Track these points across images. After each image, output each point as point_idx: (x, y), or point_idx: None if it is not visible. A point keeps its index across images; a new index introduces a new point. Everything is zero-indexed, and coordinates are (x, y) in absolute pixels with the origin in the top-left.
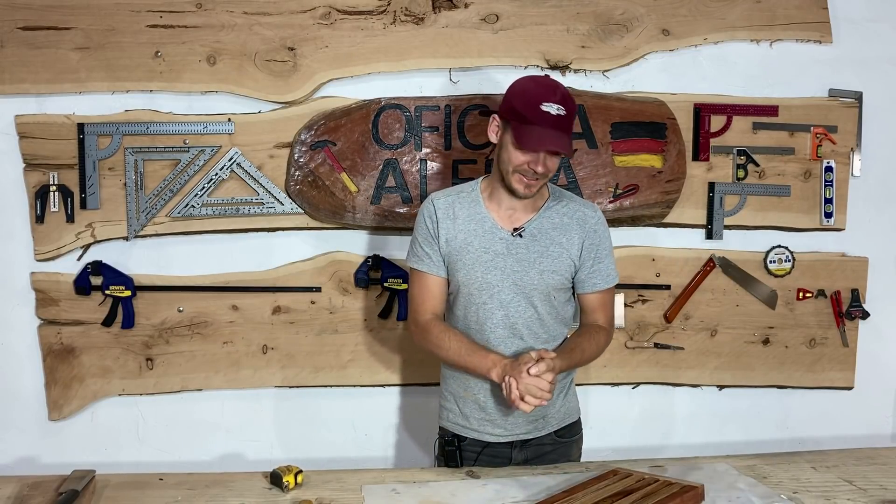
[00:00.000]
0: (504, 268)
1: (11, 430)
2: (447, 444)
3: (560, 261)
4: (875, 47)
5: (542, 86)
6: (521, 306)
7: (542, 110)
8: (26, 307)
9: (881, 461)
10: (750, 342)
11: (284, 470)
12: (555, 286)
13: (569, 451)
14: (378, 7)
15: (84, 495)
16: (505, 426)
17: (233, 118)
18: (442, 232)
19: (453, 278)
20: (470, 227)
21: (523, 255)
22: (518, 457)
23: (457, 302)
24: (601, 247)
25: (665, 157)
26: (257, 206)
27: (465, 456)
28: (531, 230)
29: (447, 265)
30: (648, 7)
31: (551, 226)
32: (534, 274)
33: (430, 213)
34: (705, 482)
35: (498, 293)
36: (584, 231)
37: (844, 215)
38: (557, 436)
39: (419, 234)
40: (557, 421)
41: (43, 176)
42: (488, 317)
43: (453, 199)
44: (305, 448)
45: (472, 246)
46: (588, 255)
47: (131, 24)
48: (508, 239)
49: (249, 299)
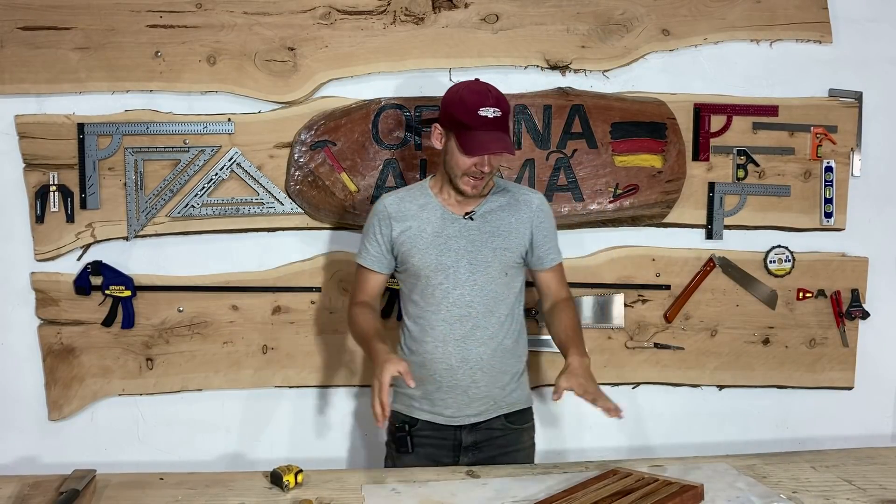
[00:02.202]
0: (458, 249)
1: (11, 430)
2: (398, 430)
3: (510, 239)
4: (875, 47)
5: (475, 92)
6: (477, 285)
7: (481, 115)
8: (26, 307)
9: (881, 461)
10: (750, 342)
11: (284, 470)
12: (507, 263)
13: (519, 437)
14: (378, 7)
15: (84, 495)
16: (457, 406)
17: (233, 118)
18: (395, 225)
19: (409, 265)
20: (423, 216)
21: (476, 236)
22: (468, 439)
23: (415, 288)
24: (549, 226)
25: (665, 157)
26: (257, 206)
27: (417, 442)
28: (481, 212)
29: (399, 256)
30: (648, 7)
31: (499, 207)
32: (487, 252)
33: (379, 212)
34: (705, 482)
35: (454, 273)
36: (531, 211)
37: (844, 215)
38: (508, 421)
39: (366, 232)
40: (507, 405)
41: (43, 176)
42: (444, 296)
43: (403, 196)
44: (305, 448)
45: (425, 232)
46: (539, 234)
47: (131, 24)
48: (461, 222)
49: (249, 299)
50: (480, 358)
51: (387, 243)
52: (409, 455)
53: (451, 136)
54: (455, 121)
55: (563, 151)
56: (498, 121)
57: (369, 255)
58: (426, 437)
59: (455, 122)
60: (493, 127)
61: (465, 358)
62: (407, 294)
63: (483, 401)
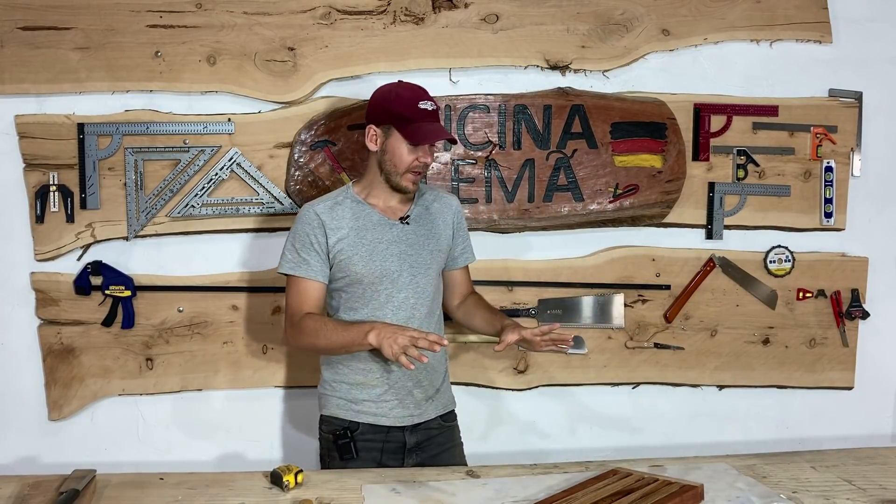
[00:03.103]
0: (399, 253)
1: (11, 430)
2: (339, 437)
3: (441, 240)
4: (875, 47)
5: (408, 89)
6: (419, 287)
7: (421, 108)
8: (26, 307)
9: (881, 461)
10: (750, 342)
11: (284, 470)
12: (440, 264)
13: (452, 434)
14: (378, 7)
15: (85, 495)
16: (403, 408)
17: (233, 118)
18: (330, 233)
19: (350, 273)
20: (359, 224)
21: (414, 240)
22: (411, 440)
23: (356, 295)
24: (465, 227)
25: (665, 157)
26: (257, 206)
27: (361, 447)
28: (415, 216)
29: (336, 265)
30: (648, 7)
31: (427, 212)
32: (425, 255)
33: (311, 220)
34: (705, 482)
35: (397, 277)
36: (452, 213)
37: (844, 215)
38: (442, 420)
39: (296, 242)
40: (442, 405)
41: (43, 176)
42: (388, 301)
43: (332, 204)
44: (305, 448)
45: (365, 239)
46: (458, 234)
47: (131, 24)
48: (398, 226)
49: (249, 299)
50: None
51: (323, 252)
52: (354, 461)
53: (391, 132)
54: (394, 115)
55: (563, 151)
56: (435, 113)
57: (308, 265)
58: (369, 441)
59: (395, 117)
60: (433, 119)
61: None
62: (342, 303)
63: (425, 402)
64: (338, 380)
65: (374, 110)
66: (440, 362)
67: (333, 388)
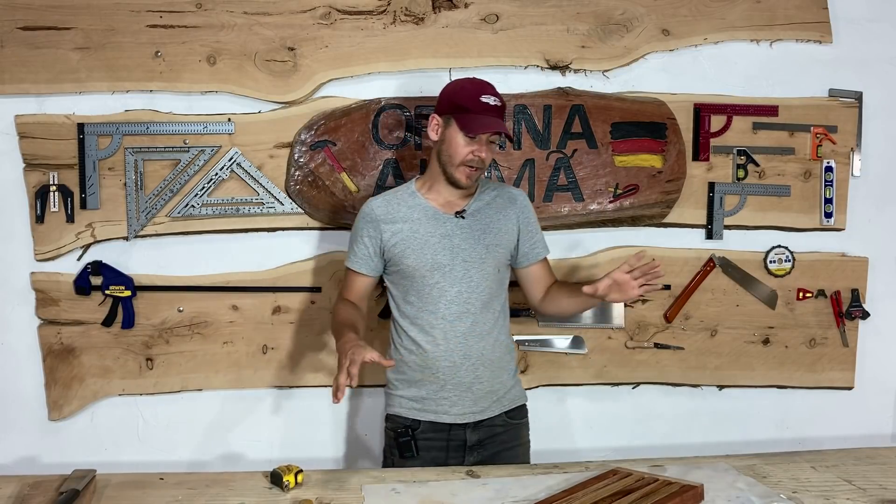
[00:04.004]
0: (452, 247)
1: (11, 430)
2: (401, 436)
3: (501, 235)
4: (875, 47)
5: (476, 83)
6: (472, 281)
7: (482, 101)
8: (26, 307)
9: (881, 461)
10: (750, 342)
11: (284, 470)
12: (500, 260)
13: (519, 432)
14: (378, 7)
15: (85, 495)
16: (463, 404)
17: (233, 118)
18: (384, 228)
19: (403, 266)
20: (413, 217)
21: (468, 234)
22: (472, 437)
23: (410, 289)
24: (533, 221)
25: (665, 157)
26: (257, 206)
27: (421, 446)
28: (472, 211)
29: (390, 258)
30: (648, 7)
31: (487, 206)
32: (480, 249)
33: (367, 215)
34: (705, 482)
35: (449, 271)
36: (516, 208)
37: (844, 215)
38: (508, 417)
39: (353, 236)
40: (509, 401)
41: (43, 176)
42: (441, 295)
43: (390, 198)
44: (305, 448)
45: (418, 233)
46: (525, 229)
47: (131, 24)
48: (453, 220)
49: (249, 299)
50: (482, 354)
51: (375, 246)
52: (415, 459)
53: (451, 122)
54: (455, 105)
55: (563, 151)
56: (498, 109)
57: (357, 257)
58: (430, 440)
59: (455, 107)
60: (494, 114)
61: (467, 354)
62: (400, 296)
63: (487, 397)
64: (400, 378)
65: (440, 100)
66: (504, 356)
67: (395, 387)
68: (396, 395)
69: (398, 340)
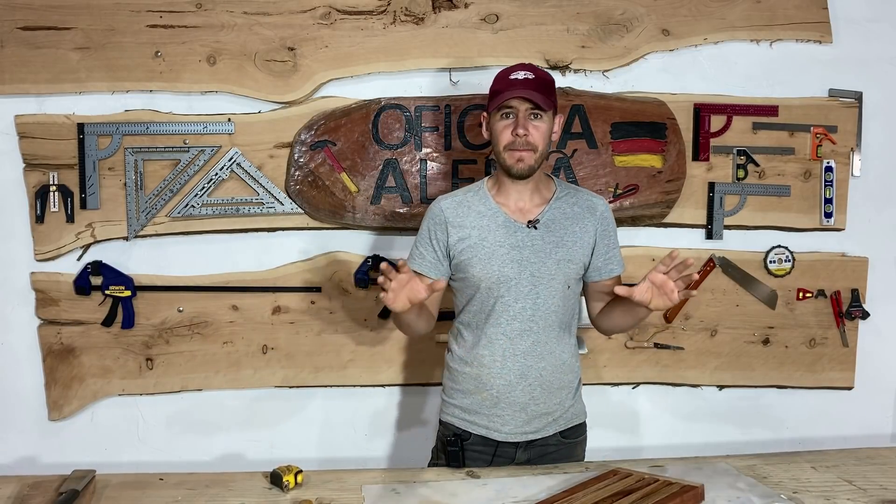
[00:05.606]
0: (521, 260)
1: (11, 430)
2: (450, 444)
3: (575, 250)
4: (875, 47)
5: (512, 67)
6: (539, 298)
7: (511, 78)
8: (26, 307)
9: (881, 461)
10: (750, 342)
11: (284, 470)
12: (571, 276)
13: (572, 451)
14: (378, 7)
15: (84, 495)
16: (515, 423)
17: (233, 118)
18: (452, 232)
19: (468, 275)
20: (483, 223)
21: (539, 247)
22: (522, 457)
23: (474, 299)
24: (612, 234)
25: (665, 157)
26: (257, 206)
27: (468, 456)
28: (545, 221)
29: (456, 265)
30: (648, 7)
31: (563, 216)
32: (551, 264)
33: (436, 216)
34: (705, 482)
35: (516, 285)
36: (595, 219)
37: (844, 215)
38: (563, 436)
39: (419, 235)
40: (565, 421)
41: (43, 176)
42: (504, 310)
43: (461, 199)
44: (305, 448)
45: (486, 241)
46: (602, 242)
47: (131, 24)
48: (524, 231)
49: (249, 299)
50: (540, 375)
51: (443, 249)
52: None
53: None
54: (491, 92)
55: (562, 151)
56: (528, 82)
57: (424, 260)
58: (478, 453)
59: (491, 94)
60: (524, 87)
61: (524, 374)
62: (463, 303)
63: (542, 418)
64: (454, 387)
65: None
66: (564, 375)
67: (450, 395)
68: (450, 402)
69: (455, 347)
